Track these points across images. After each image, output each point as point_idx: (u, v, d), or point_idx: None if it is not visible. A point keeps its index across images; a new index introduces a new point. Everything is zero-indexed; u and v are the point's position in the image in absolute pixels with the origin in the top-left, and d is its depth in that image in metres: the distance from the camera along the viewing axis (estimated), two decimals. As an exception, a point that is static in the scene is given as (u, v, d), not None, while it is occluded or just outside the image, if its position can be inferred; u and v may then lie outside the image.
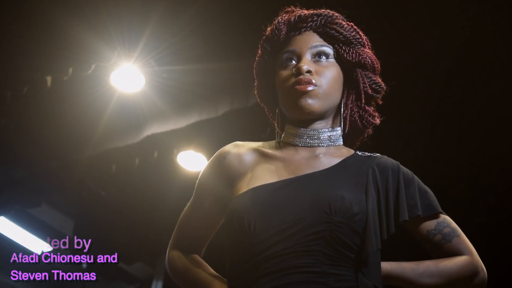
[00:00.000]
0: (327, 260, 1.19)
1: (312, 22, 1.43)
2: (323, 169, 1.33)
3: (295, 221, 1.21)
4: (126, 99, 4.13)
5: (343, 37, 1.42)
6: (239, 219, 1.24)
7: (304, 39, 1.42)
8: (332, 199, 1.21)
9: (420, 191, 1.35)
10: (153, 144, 4.47)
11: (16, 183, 4.82)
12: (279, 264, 1.18)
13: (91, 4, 3.44)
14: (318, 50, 1.41)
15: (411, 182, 1.35)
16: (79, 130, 4.33)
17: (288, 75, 1.39)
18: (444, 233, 1.34)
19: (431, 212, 1.34)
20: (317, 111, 1.37)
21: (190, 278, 1.40)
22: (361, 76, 1.43)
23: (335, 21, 1.44)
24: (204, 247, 1.49)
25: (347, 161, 1.36)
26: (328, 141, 1.40)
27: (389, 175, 1.33)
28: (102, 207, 5.26)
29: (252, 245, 1.21)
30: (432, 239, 1.34)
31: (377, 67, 1.46)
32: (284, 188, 1.28)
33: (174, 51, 3.70)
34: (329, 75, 1.39)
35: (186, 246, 1.46)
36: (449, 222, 1.36)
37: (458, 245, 1.34)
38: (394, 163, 1.37)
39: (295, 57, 1.41)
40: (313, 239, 1.19)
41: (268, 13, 1.57)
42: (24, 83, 3.95)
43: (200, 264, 1.43)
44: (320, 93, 1.36)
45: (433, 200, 1.36)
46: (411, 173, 1.38)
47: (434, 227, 1.34)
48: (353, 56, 1.42)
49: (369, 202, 1.25)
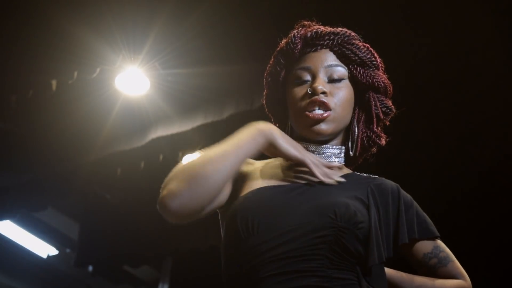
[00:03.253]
0: (331, 265, 1.18)
1: (329, 41, 1.42)
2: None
3: (299, 225, 1.20)
4: (131, 102, 4.13)
5: (358, 58, 1.42)
6: (243, 219, 1.22)
7: (319, 57, 1.41)
8: (337, 205, 1.21)
9: (417, 214, 1.37)
10: (158, 147, 4.47)
11: (22, 186, 4.83)
12: (282, 267, 1.17)
13: (96, 8, 3.44)
14: (332, 70, 1.40)
15: (409, 206, 1.36)
16: (84, 134, 4.34)
17: (302, 95, 1.38)
18: (440, 257, 1.37)
19: (428, 236, 1.35)
20: (330, 134, 1.38)
21: (214, 150, 1.28)
22: (373, 99, 1.43)
23: (351, 41, 1.43)
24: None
25: (347, 177, 1.35)
26: (331, 158, 1.40)
27: (389, 198, 1.33)
28: (108, 211, 5.27)
29: (255, 246, 1.20)
30: (428, 262, 1.36)
31: (389, 91, 1.47)
32: (288, 192, 1.28)
33: (179, 54, 3.70)
34: (343, 97, 1.39)
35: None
36: (444, 247, 1.39)
37: (453, 270, 1.38)
38: (394, 186, 1.37)
39: (310, 75, 1.40)
40: (317, 243, 1.18)
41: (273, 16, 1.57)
42: (29, 87, 3.95)
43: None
44: (334, 117, 1.36)
45: (430, 224, 1.38)
46: (410, 197, 1.39)
47: (431, 251, 1.36)
48: (367, 78, 1.42)
49: (371, 214, 1.25)
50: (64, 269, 6.47)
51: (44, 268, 6.41)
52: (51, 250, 6.50)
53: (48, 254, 6.50)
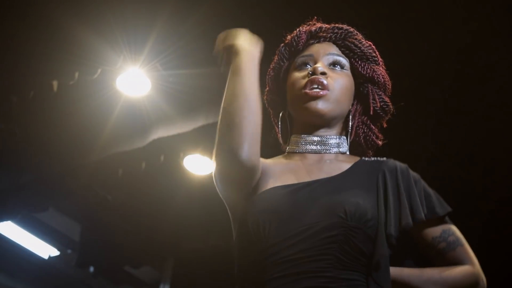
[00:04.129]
0: (339, 265, 1.18)
1: (332, 34, 1.46)
2: (335, 175, 1.33)
3: (309, 225, 1.21)
4: (132, 103, 4.13)
5: (360, 51, 1.45)
6: (254, 221, 1.23)
7: (322, 47, 1.45)
8: (347, 204, 1.21)
9: (426, 193, 1.36)
10: (160, 148, 4.47)
11: (23, 187, 4.82)
12: (292, 268, 1.18)
13: (97, 8, 3.44)
14: (334, 58, 1.43)
15: (417, 186, 1.35)
16: (85, 134, 4.33)
17: (301, 77, 1.40)
18: (449, 241, 1.35)
19: (435, 215, 1.34)
20: (326, 115, 1.37)
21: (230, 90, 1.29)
22: (371, 92, 1.45)
23: (355, 36, 1.47)
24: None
25: (356, 166, 1.36)
26: (336, 148, 1.40)
27: (399, 177, 1.34)
28: (109, 211, 5.26)
29: (265, 247, 1.21)
30: (437, 246, 1.35)
31: (388, 87, 1.49)
32: (297, 192, 1.28)
33: (180, 55, 3.70)
34: (342, 82, 1.40)
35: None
36: (454, 230, 1.38)
37: (461, 254, 1.36)
38: (402, 165, 1.38)
39: (311, 62, 1.43)
40: (327, 243, 1.19)
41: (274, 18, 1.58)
42: (30, 87, 3.95)
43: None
44: (332, 98, 1.37)
45: (438, 204, 1.36)
46: (418, 176, 1.39)
47: (440, 235, 1.35)
48: (367, 71, 1.44)
49: (380, 208, 1.25)
50: (65, 270, 6.46)
51: (45, 269, 6.40)
52: (52, 251, 6.49)
53: (49, 255, 6.50)
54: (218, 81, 4.12)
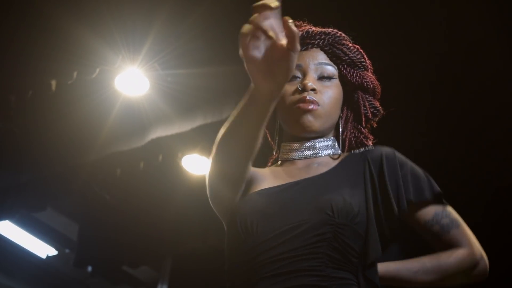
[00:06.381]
0: (330, 263, 1.19)
1: (320, 40, 1.45)
2: (323, 172, 1.34)
3: (298, 223, 1.21)
4: (131, 102, 4.13)
5: (348, 58, 1.44)
6: (242, 221, 1.24)
7: (310, 55, 1.44)
8: (333, 201, 1.22)
9: (414, 176, 1.34)
10: (158, 147, 4.47)
11: (21, 187, 4.82)
12: (282, 267, 1.18)
13: (95, 8, 3.44)
14: (323, 68, 1.43)
15: (403, 168, 1.34)
16: (83, 134, 4.33)
17: (292, 91, 1.40)
18: (443, 224, 1.34)
19: (423, 199, 1.32)
20: (317, 130, 1.39)
21: (234, 115, 1.20)
22: (362, 99, 1.46)
23: (342, 41, 1.46)
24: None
25: (344, 162, 1.37)
26: (325, 150, 1.41)
27: (384, 165, 1.33)
28: (107, 211, 5.26)
29: (254, 245, 1.21)
30: (430, 229, 1.34)
31: (377, 92, 1.49)
32: (285, 191, 1.29)
33: (178, 54, 3.70)
34: (332, 95, 1.41)
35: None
36: (449, 212, 1.36)
37: (456, 237, 1.34)
38: (388, 151, 1.37)
39: (300, 72, 1.43)
40: (316, 241, 1.19)
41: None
42: (28, 87, 3.95)
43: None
44: (322, 113, 1.38)
45: (428, 186, 1.34)
46: (404, 159, 1.37)
47: (432, 218, 1.34)
48: (356, 78, 1.44)
49: (369, 202, 1.25)
50: (63, 270, 6.46)
51: (43, 268, 6.41)
52: (50, 251, 6.49)
53: (47, 255, 6.50)
54: (216, 81, 4.14)
